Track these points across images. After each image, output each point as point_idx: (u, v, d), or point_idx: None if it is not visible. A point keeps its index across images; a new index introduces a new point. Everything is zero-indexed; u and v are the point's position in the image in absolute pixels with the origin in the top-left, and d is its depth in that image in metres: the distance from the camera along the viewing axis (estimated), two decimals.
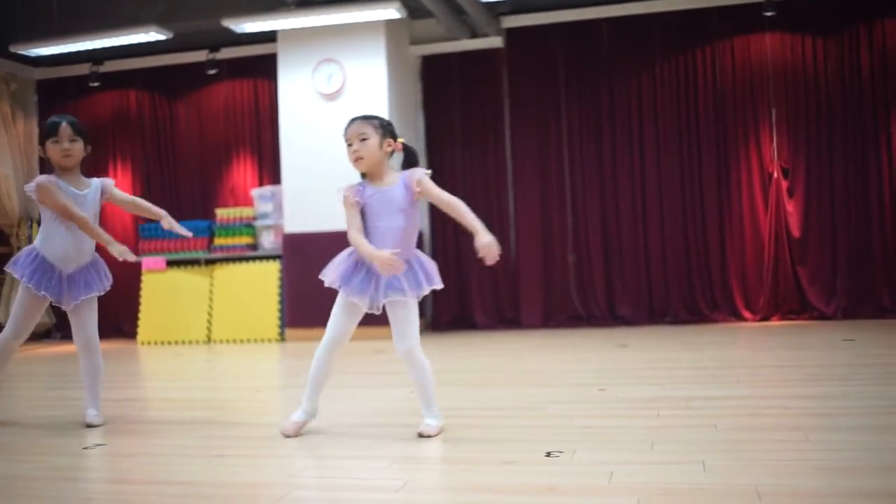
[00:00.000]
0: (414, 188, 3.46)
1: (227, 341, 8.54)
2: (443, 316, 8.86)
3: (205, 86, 9.58)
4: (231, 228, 8.85)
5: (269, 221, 8.76)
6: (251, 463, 3.09)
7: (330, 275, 3.50)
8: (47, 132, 3.97)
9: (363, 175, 3.57)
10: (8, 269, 4.02)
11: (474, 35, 8.74)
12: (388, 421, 3.81)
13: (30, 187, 3.93)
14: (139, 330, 8.86)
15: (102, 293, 4.06)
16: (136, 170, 9.88)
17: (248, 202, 9.13)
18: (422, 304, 9.57)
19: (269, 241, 8.77)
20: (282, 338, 8.40)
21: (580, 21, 8.62)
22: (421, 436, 3.34)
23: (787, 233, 8.17)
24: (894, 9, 7.97)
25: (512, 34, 8.79)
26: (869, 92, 8.04)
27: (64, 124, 3.96)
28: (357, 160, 3.48)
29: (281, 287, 8.50)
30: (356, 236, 3.44)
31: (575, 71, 8.70)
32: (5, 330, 4.03)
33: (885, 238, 7.97)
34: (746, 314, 8.22)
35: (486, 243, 3.25)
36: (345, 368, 6.02)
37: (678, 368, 5.23)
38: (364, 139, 3.46)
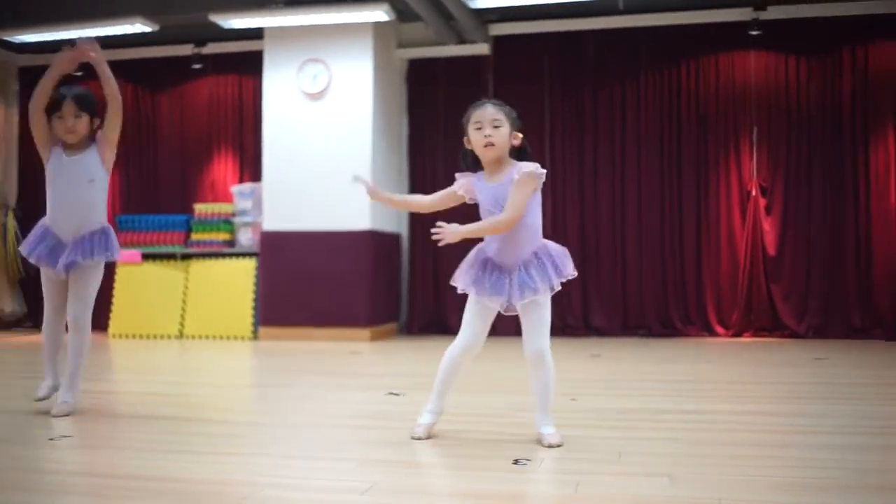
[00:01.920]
0: (518, 176, 3.29)
1: (200, 337, 8.49)
2: (417, 319, 8.85)
3: (189, 80, 9.53)
4: (209, 224, 8.81)
5: (247, 218, 8.73)
6: (218, 460, 3.07)
7: (461, 280, 3.37)
8: (52, 106, 3.91)
9: (468, 164, 3.49)
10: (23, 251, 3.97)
11: (461, 41, 8.75)
12: (358, 423, 3.81)
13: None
14: (111, 322, 8.79)
15: (97, 261, 3.95)
16: (116, 162, 9.76)
17: (227, 198, 9.09)
18: (396, 307, 9.57)
19: (246, 238, 8.73)
20: (255, 336, 8.37)
21: (567, 31, 8.66)
22: (550, 446, 3.16)
23: (762, 250, 8.24)
24: (877, 33, 8.07)
25: (499, 42, 8.82)
26: (849, 115, 8.13)
27: (68, 100, 3.91)
28: (488, 146, 3.33)
29: (256, 285, 8.46)
30: (423, 196, 3.62)
31: (560, 81, 8.74)
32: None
33: (858, 260, 8.05)
34: (719, 329, 8.27)
35: (448, 227, 3.26)
36: (318, 369, 6.01)
37: (649, 381, 5.26)
38: (497, 126, 3.35)
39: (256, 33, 8.55)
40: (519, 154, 3.43)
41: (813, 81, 8.23)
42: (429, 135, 8.99)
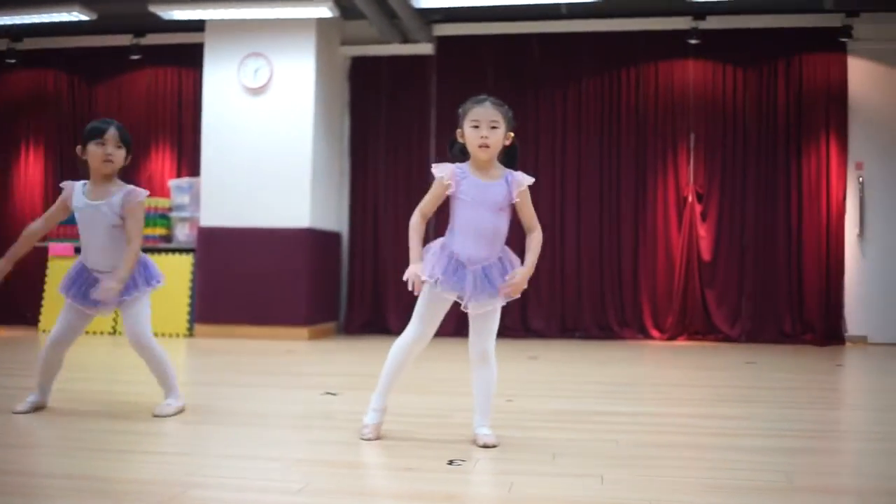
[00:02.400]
0: (514, 196, 3.33)
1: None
2: (355, 319, 8.81)
3: (127, 71, 9.35)
4: (145, 218, 8.63)
5: (184, 213, 8.59)
6: (148, 459, 3.02)
7: (429, 269, 3.26)
8: (91, 133, 3.82)
9: (458, 156, 3.38)
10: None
11: (405, 40, 8.74)
12: (292, 423, 3.77)
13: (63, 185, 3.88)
14: (42, 317, 8.58)
15: (133, 297, 3.91)
16: (48, 152, 9.58)
17: (164, 193, 8.94)
18: (335, 307, 9.51)
19: (183, 233, 8.59)
20: (190, 333, 8.24)
21: (511, 34, 8.71)
22: (486, 446, 3.17)
23: (697, 256, 8.38)
24: (811, 45, 8.27)
25: (443, 42, 8.83)
26: (783, 123, 8.32)
27: (112, 128, 3.84)
28: (483, 147, 3.25)
29: (193, 281, 8.33)
30: (417, 223, 3.34)
31: (503, 83, 8.76)
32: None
33: (789, 266, 8.24)
34: (654, 333, 8.39)
35: (519, 277, 3.32)
36: (254, 367, 5.94)
37: (585, 383, 5.31)
38: (495, 127, 3.28)
39: (197, 25, 8.43)
40: (509, 152, 3.42)
41: (749, 90, 8.40)
42: (371, 133, 8.96)
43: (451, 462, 2.93)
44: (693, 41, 8.26)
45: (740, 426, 3.75)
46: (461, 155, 3.38)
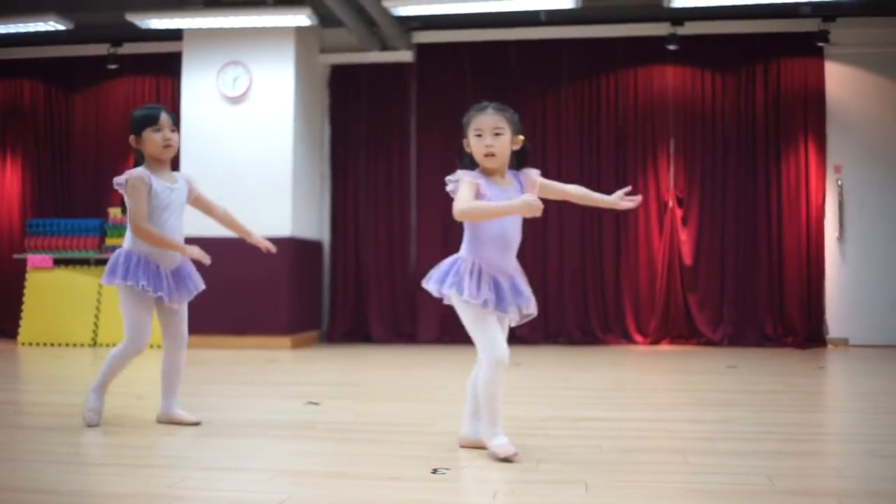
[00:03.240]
0: (532, 191, 3.21)
1: (114, 345, 8.23)
2: (338, 327, 8.77)
3: (104, 80, 9.29)
4: (123, 229, 8.57)
5: None
6: (129, 472, 2.98)
7: (472, 290, 3.20)
8: (145, 121, 3.73)
9: (468, 167, 3.27)
10: (107, 282, 3.80)
11: (385, 48, 8.73)
12: (274, 433, 3.74)
13: (119, 181, 3.75)
14: (21, 330, 8.49)
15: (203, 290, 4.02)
16: (25, 163, 9.49)
17: None
18: (317, 315, 9.47)
19: None
20: None
21: (490, 41, 8.72)
22: (506, 460, 3.05)
23: (679, 260, 8.41)
24: (788, 50, 8.33)
25: (422, 49, 8.83)
26: (762, 128, 8.37)
27: (164, 114, 3.78)
28: (489, 156, 3.18)
29: None
30: (484, 205, 3.14)
31: (482, 89, 8.74)
32: (124, 341, 3.92)
33: (770, 270, 8.28)
34: (637, 338, 8.41)
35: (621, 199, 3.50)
36: (235, 377, 5.90)
37: (569, 389, 5.31)
38: (499, 133, 3.21)
39: (175, 34, 8.39)
40: (519, 155, 3.35)
41: (728, 95, 8.45)
42: (351, 140, 8.94)
43: (435, 471, 2.91)
44: (671, 47, 8.29)
45: (722, 430, 3.76)
46: (471, 165, 3.28)
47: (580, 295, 8.55)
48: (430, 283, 3.31)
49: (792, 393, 5.17)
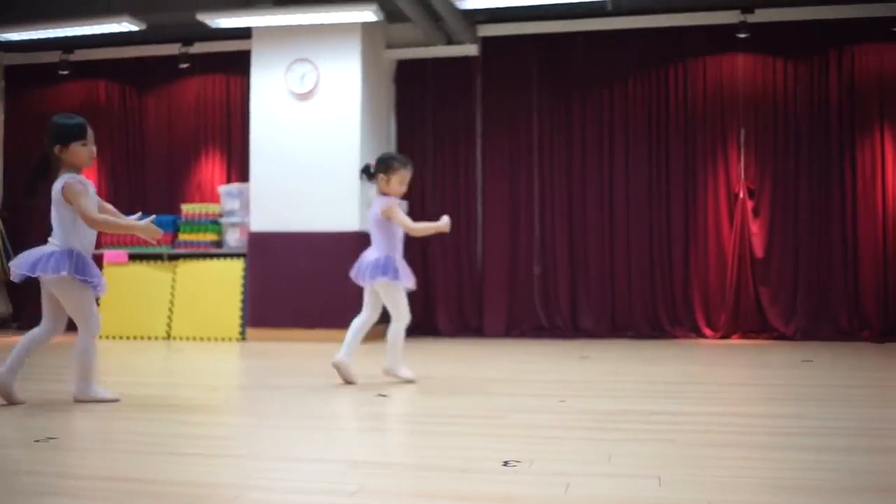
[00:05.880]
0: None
1: (188, 338, 8.45)
2: None
3: (176, 79, 9.49)
4: (196, 224, 8.77)
5: (235, 219, 8.69)
6: (204, 462, 3.04)
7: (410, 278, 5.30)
8: (74, 133, 4.07)
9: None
10: (51, 275, 4.10)
11: (450, 42, 8.74)
12: (346, 425, 3.78)
13: (56, 186, 4.05)
14: None
15: None
16: (102, 162, 9.73)
17: (214, 199, 9.05)
18: (384, 309, 9.56)
19: (234, 238, 8.69)
20: (243, 337, 8.33)
21: (556, 33, 8.67)
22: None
23: (750, 252, 8.26)
24: (863, 36, 8.11)
25: (487, 43, 8.81)
26: (836, 116, 8.16)
27: (89, 129, 4.14)
28: (399, 195, 5.14)
29: (244, 286, 8.42)
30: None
31: (548, 82, 8.74)
32: (83, 330, 4.24)
33: (845, 262, 8.08)
34: (707, 331, 8.28)
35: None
36: (306, 370, 5.98)
37: (638, 382, 5.26)
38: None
39: (244, 33, 8.52)
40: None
41: (800, 84, 8.26)
42: (418, 135, 8.98)
43: (506, 463, 2.92)
44: (741, 35, 8.14)
45: (799, 425, 3.68)
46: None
47: (648, 288, 8.46)
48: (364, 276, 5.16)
49: (871, 388, 5.04)
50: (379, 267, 5.02)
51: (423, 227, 5.21)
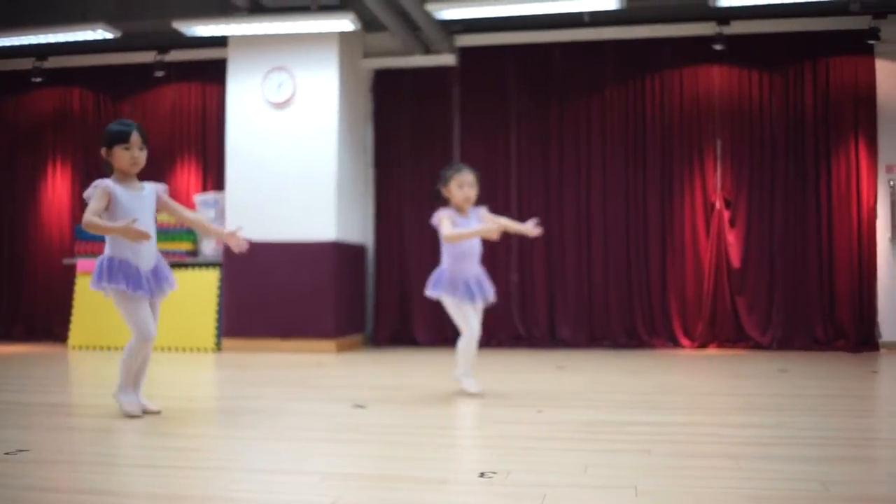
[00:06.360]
0: (487, 221, 4.97)
1: (162, 349, 8.37)
2: (383, 331, 8.80)
3: (152, 87, 9.42)
4: (171, 234, 8.70)
5: None
6: (178, 474, 3.01)
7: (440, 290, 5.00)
8: (116, 137, 4.04)
9: (438, 200, 5.05)
10: (94, 288, 4.05)
11: (428, 51, 8.75)
12: (320, 436, 3.75)
13: (89, 193, 4.02)
14: (70, 333, 8.64)
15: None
16: (75, 170, 9.67)
17: (190, 207, 8.97)
18: (362, 319, 9.52)
19: (209, 248, 8.63)
20: (218, 347, 8.26)
21: (533, 44, 8.70)
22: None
23: (726, 262, 8.31)
24: (837, 48, 8.20)
25: (465, 53, 8.83)
26: (811, 128, 8.23)
27: (135, 131, 4.07)
28: (467, 200, 4.95)
29: (220, 296, 8.36)
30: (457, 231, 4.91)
31: (526, 92, 8.76)
32: (133, 338, 4.14)
33: (820, 272, 8.14)
34: (684, 341, 8.31)
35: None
36: (282, 381, 5.94)
37: (615, 393, 5.26)
38: (473, 186, 4.95)
39: (220, 41, 8.49)
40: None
41: (775, 95, 8.33)
42: (395, 144, 8.97)
43: (482, 474, 2.90)
44: (718, 47, 8.19)
45: (774, 435, 3.69)
46: (444, 203, 5.08)
47: (625, 298, 8.48)
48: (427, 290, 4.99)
49: (845, 397, 5.07)
50: (430, 281, 4.99)
51: (457, 234, 4.85)
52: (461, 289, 4.87)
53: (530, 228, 4.95)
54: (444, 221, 4.87)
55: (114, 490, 2.74)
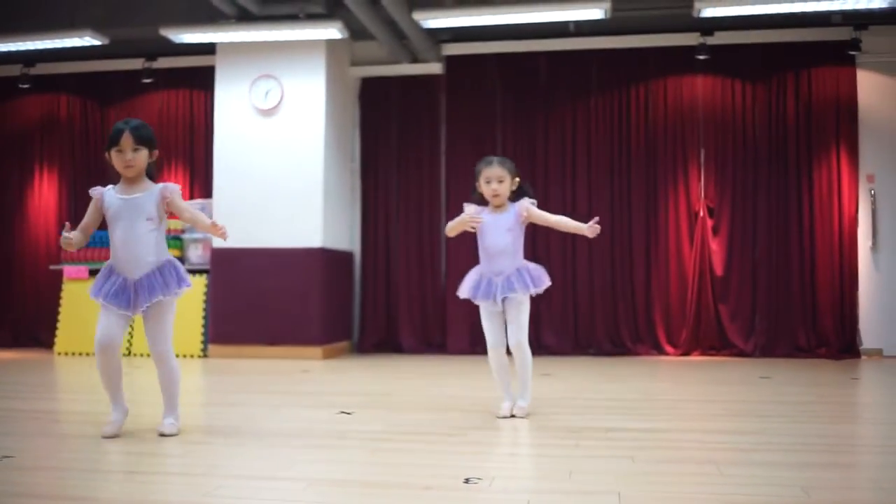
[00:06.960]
0: (522, 214, 4.45)
1: (148, 355, 8.33)
2: (369, 338, 8.81)
3: (139, 94, 9.42)
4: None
5: (197, 235, 8.62)
6: (164, 480, 3.03)
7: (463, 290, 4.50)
8: (110, 140, 3.90)
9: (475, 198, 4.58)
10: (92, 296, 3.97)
11: (415, 60, 8.79)
12: (308, 442, 3.77)
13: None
14: (57, 340, 8.61)
15: (166, 297, 3.93)
16: (63, 176, 9.65)
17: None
18: (348, 326, 9.55)
19: (196, 255, 8.63)
20: (205, 354, 8.26)
21: (519, 53, 8.74)
22: (515, 416, 4.36)
23: (710, 270, 8.36)
24: (820, 59, 8.28)
25: (452, 61, 8.87)
26: (794, 137, 8.31)
27: (126, 133, 3.88)
28: (495, 196, 4.45)
29: (206, 302, 8.36)
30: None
31: (512, 101, 8.80)
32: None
33: (803, 280, 8.21)
34: (668, 348, 8.36)
35: (589, 228, 4.34)
36: (269, 387, 5.95)
37: (600, 399, 5.30)
38: (502, 181, 4.42)
39: (208, 48, 8.50)
40: (516, 192, 4.53)
41: (758, 105, 8.41)
42: (382, 152, 8.99)
43: (467, 480, 2.93)
44: (701, 57, 8.26)
45: (756, 441, 3.74)
46: (482, 200, 4.56)
47: (610, 305, 8.53)
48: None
49: (826, 404, 5.12)
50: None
51: (450, 226, 4.50)
52: (482, 288, 4.40)
53: (586, 228, 4.37)
54: (457, 219, 4.50)
55: (99, 497, 2.75)
